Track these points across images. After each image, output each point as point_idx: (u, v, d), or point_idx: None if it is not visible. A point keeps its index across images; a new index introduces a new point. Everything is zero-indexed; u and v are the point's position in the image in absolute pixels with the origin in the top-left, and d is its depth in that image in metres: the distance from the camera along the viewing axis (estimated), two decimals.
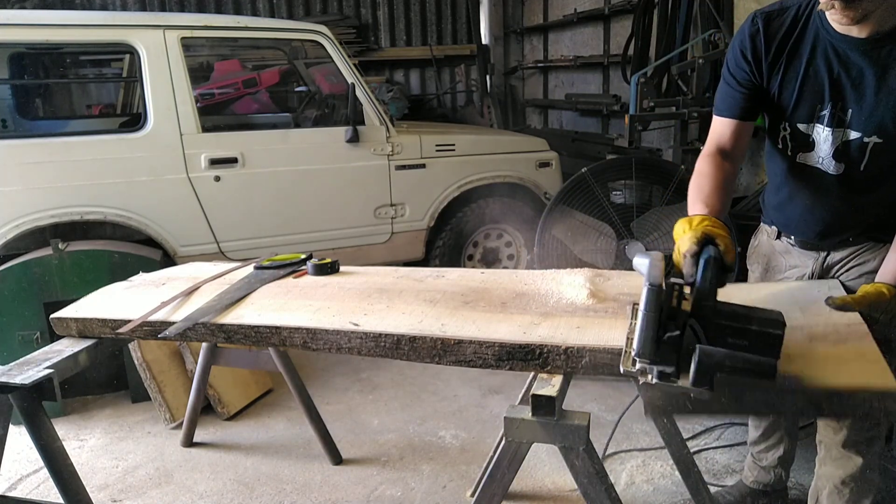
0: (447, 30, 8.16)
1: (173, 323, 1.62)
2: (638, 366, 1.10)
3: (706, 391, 1.04)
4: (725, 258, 1.20)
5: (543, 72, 7.84)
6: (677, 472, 2.11)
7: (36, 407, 1.54)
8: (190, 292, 1.80)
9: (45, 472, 2.43)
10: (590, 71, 6.76)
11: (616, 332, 1.34)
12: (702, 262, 1.17)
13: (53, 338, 1.79)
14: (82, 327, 1.73)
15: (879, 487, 2.12)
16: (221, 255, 3.47)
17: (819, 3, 1.37)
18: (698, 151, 3.54)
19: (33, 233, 3.14)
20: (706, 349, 1.04)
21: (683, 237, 1.26)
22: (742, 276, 1.99)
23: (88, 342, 1.72)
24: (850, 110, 1.48)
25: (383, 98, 6.86)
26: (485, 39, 8.11)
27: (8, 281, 2.85)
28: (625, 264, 2.99)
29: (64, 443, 1.62)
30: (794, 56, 1.51)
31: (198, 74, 5.12)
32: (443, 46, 8.07)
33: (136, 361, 2.89)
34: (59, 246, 2.89)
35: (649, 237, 3.12)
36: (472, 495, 2.34)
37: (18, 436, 2.49)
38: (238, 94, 5.07)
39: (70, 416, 3.01)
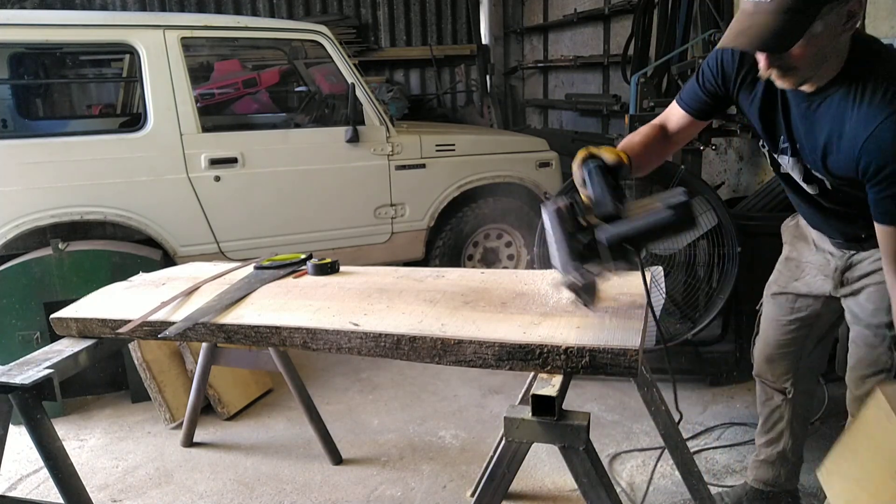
0: (447, 30, 8.16)
1: (173, 323, 1.62)
2: (570, 279, 1.31)
3: (623, 262, 1.30)
4: (608, 162, 1.39)
5: (543, 72, 7.85)
6: (677, 472, 2.11)
7: (36, 407, 1.54)
8: (190, 292, 1.80)
9: (45, 472, 2.43)
10: (590, 71, 6.76)
11: (616, 331, 1.34)
12: (585, 172, 1.38)
13: (53, 338, 1.79)
14: (82, 327, 1.73)
15: None
16: (221, 255, 3.47)
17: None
18: (698, 151, 3.57)
19: (33, 233, 3.14)
20: (603, 229, 1.28)
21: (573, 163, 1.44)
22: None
23: (88, 342, 1.72)
24: (799, 145, 1.52)
25: (383, 98, 6.86)
26: (485, 39, 8.11)
27: (8, 281, 2.85)
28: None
29: (64, 443, 1.61)
30: (758, 84, 1.54)
31: (198, 74, 5.12)
32: (443, 46, 8.07)
33: (136, 361, 2.89)
34: (59, 246, 2.89)
35: None
36: (472, 495, 2.34)
37: (18, 436, 2.49)
38: (238, 94, 5.07)
39: (70, 416, 3.01)
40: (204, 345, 2.63)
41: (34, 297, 2.87)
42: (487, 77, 7.90)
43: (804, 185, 1.61)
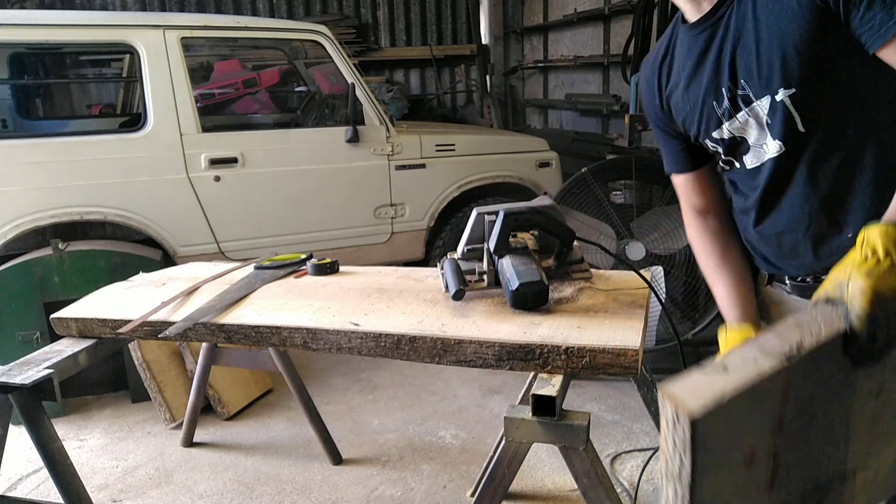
0: (447, 30, 8.16)
1: (173, 323, 1.62)
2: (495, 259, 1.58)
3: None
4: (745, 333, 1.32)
5: (543, 72, 7.85)
6: None
7: (36, 407, 1.54)
8: (190, 292, 1.80)
9: (45, 472, 2.43)
10: (590, 71, 6.76)
11: (616, 331, 1.34)
12: None
13: (53, 338, 1.79)
14: (82, 327, 1.73)
15: None
16: (221, 255, 3.47)
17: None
18: None
19: (33, 233, 3.14)
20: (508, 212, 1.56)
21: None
22: None
23: (88, 342, 1.73)
24: (741, 81, 1.21)
25: (383, 98, 6.86)
26: (485, 39, 8.11)
27: (8, 281, 2.85)
28: (625, 264, 2.99)
29: (64, 443, 1.62)
30: (672, 74, 1.34)
31: (198, 74, 5.12)
32: (443, 46, 8.07)
33: (136, 361, 2.89)
34: (59, 246, 2.89)
35: (649, 237, 3.12)
36: (472, 495, 2.34)
37: (18, 436, 2.49)
38: (238, 94, 5.07)
39: (70, 416, 3.01)
40: (204, 345, 2.63)
41: (34, 297, 2.87)
42: (487, 77, 7.90)
43: (767, 148, 1.23)
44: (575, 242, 1.65)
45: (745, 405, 0.71)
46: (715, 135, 1.27)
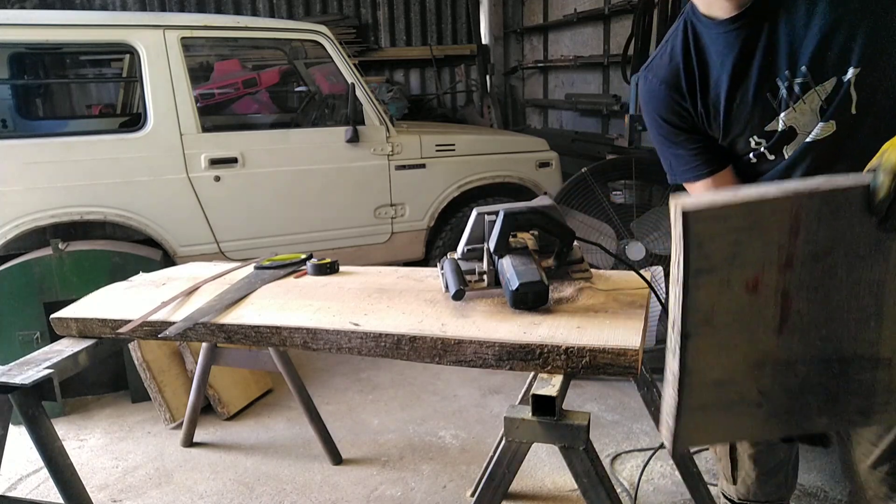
0: (447, 30, 8.16)
1: (173, 323, 1.62)
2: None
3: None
4: None
5: (543, 72, 7.84)
6: (677, 472, 2.11)
7: (36, 407, 1.54)
8: (190, 292, 1.80)
9: (45, 472, 2.43)
10: (590, 71, 6.76)
11: (616, 331, 1.34)
12: None
13: (53, 338, 1.79)
14: (82, 327, 1.73)
15: None
16: (221, 255, 3.47)
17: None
18: None
19: (33, 233, 3.14)
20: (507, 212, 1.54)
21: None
22: None
23: (88, 342, 1.72)
24: (802, 68, 1.19)
25: (383, 98, 6.86)
26: (485, 39, 8.11)
27: (8, 281, 2.85)
28: (625, 264, 2.99)
29: (64, 443, 1.61)
30: (708, 75, 1.29)
31: (198, 74, 5.12)
32: (443, 46, 8.07)
33: (136, 361, 2.89)
34: (59, 246, 2.89)
35: (649, 237, 3.12)
36: (472, 495, 2.34)
37: (18, 436, 2.49)
38: (238, 94, 5.07)
39: (70, 416, 3.01)
40: (204, 345, 2.63)
41: (34, 297, 2.87)
42: (487, 77, 7.90)
43: (813, 134, 1.23)
44: (575, 242, 1.65)
45: (744, 220, 0.74)
46: (768, 128, 1.26)
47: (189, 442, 2.75)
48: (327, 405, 3.06)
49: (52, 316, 1.76)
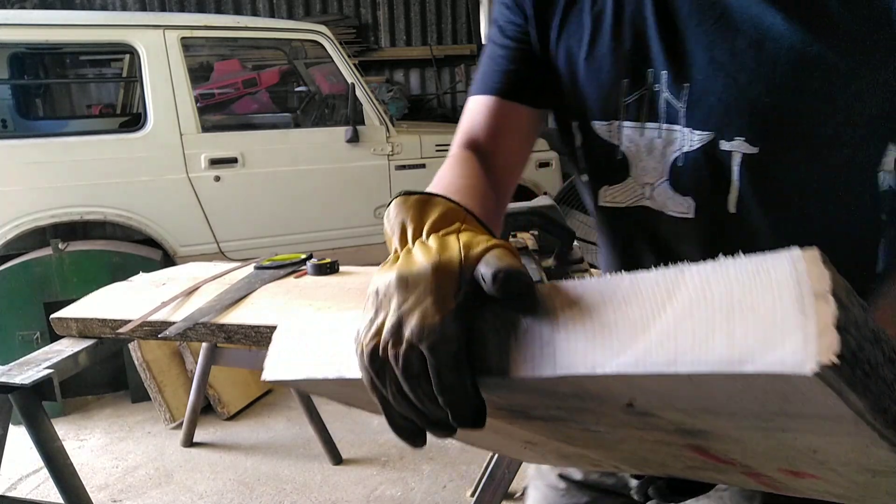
0: (447, 30, 8.16)
1: (173, 323, 1.62)
2: None
3: None
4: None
5: None
6: None
7: (36, 407, 1.54)
8: (190, 292, 1.80)
9: (45, 472, 2.43)
10: None
11: None
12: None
13: (53, 338, 1.79)
14: (82, 327, 1.73)
15: None
16: (221, 255, 3.47)
17: None
18: None
19: (33, 233, 3.14)
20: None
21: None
22: None
23: (88, 342, 1.72)
24: (686, 85, 0.71)
25: (383, 98, 6.86)
26: (485, 39, 8.09)
27: (8, 281, 2.85)
28: None
29: (64, 443, 1.61)
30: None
31: (198, 74, 5.12)
32: (443, 46, 8.07)
33: (136, 361, 2.89)
34: (59, 246, 2.89)
35: None
36: (472, 495, 2.34)
37: (18, 436, 2.49)
38: (238, 94, 5.07)
39: (70, 416, 3.01)
40: (204, 345, 2.63)
41: (34, 297, 2.87)
42: None
43: (669, 203, 0.75)
44: (575, 242, 1.65)
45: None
46: (599, 128, 0.80)
47: (189, 442, 2.75)
48: (327, 405, 3.05)
49: (52, 316, 1.76)
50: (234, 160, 3.43)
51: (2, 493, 2.44)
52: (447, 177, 0.76)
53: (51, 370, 1.55)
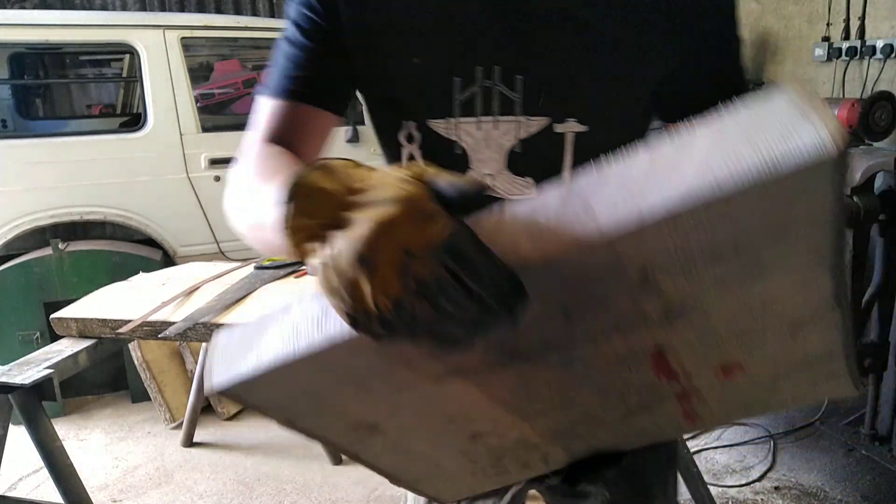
0: None
1: (173, 323, 1.62)
2: None
3: None
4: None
5: None
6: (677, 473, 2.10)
7: (36, 407, 1.54)
8: (190, 292, 1.80)
9: (45, 472, 2.43)
10: None
11: None
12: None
13: (53, 338, 1.79)
14: (82, 327, 1.73)
15: (880, 487, 2.12)
16: (221, 255, 3.47)
17: None
18: None
19: (33, 233, 3.14)
20: None
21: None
22: None
23: (88, 342, 1.72)
24: (520, 77, 0.76)
25: None
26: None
27: (8, 281, 2.85)
28: None
29: (64, 443, 1.62)
30: None
31: (198, 74, 5.12)
32: None
33: (136, 361, 2.89)
34: (59, 246, 2.89)
35: None
36: None
37: (18, 436, 2.49)
38: (238, 94, 5.07)
39: (70, 416, 3.01)
40: (204, 345, 2.62)
41: (34, 297, 2.87)
42: None
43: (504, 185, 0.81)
44: None
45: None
46: (433, 124, 0.81)
47: (189, 442, 2.75)
48: None
49: (52, 316, 1.76)
50: (234, 160, 3.43)
51: (2, 493, 2.44)
52: (273, 165, 0.74)
53: (51, 370, 1.55)
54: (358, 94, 0.89)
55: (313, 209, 0.47)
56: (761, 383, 0.61)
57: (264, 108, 0.86)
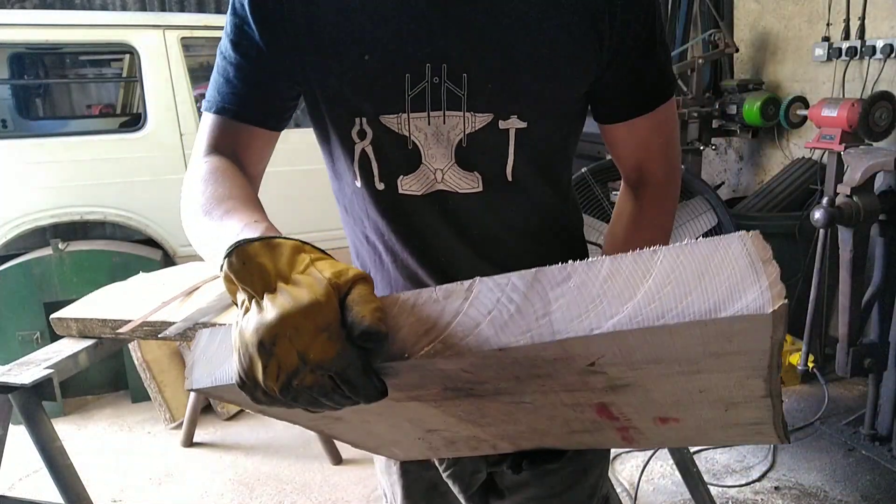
0: None
1: (173, 323, 1.62)
2: None
3: None
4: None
5: None
6: (677, 472, 2.10)
7: (36, 407, 1.54)
8: (190, 292, 1.80)
9: (45, 472, 2.43)
10: None
11: None
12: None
13: (53, 338, 1.79)
14: (82, 327, 1.73)
15: (880, 487, 2.12)
16: None
17: None
18: (699, 151, 3.56)
19: (33, 233, 3.14)
20: None
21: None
22: None
23: (88, 342, 1.72)
24: (465, 75, 0.79)
25: None
26: None
27: (8, 281, 2.85)
28: None
29: (64, 443, 1.62)
30: None
31: (198, 74, 5.12)
32: None
33: (136, 361, 2.89)
34: (59, 246, 2.89)
35: None
36: None
37: (18, 436, 2.49)
38: None
39: (70, 416, 3.01)
40: None
41: (34, 297, 2.87)
42: None
43: (457, 182, 0.84)
44: None
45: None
46: (386, 118, 0.82)
47: (189, 442, 2.75)
48: None
49: (52, 316, 1.76)
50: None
51: (2, 493, 2.44)
52: (224, 189, 0.78)
53: (51, 370, 1.55)
54: (303, 97, 0.90)
55: (244, 276, 0.56)
56: (695, 431, 0.69)
57: (205, 122, 0.93)
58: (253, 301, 0.55)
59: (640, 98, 0.87)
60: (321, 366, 0.51)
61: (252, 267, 0.55)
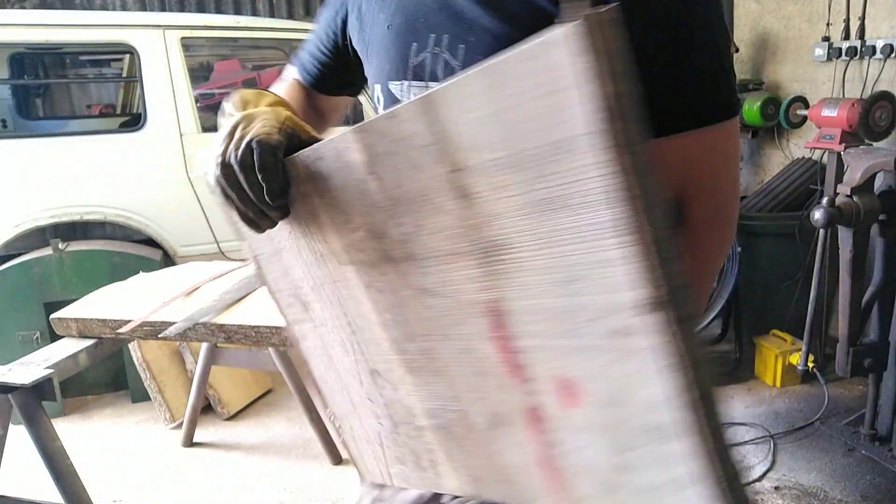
0: None
1: (173, 323, 1.62)
2: None
3: None
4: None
5: None
6: None
7: (36, 407, 1.54)
8: (190, 292, 1.80)
9: (45, 472, 2.43)
10: None
11: None
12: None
13: (53, 338, 1.79)
14: (82, 327, 1.73)
15: (880, 487, 2.12)
16: (221, 255, 3.46)
17: None
18: None
19: (33, 233, 3.14)
20: None
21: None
22: None
23: (88, 342, 1.72)
24: (462, 46, 0.82)
25: None
26: None
27: (8, 281, 2.85)
28: None
29: (64, 443, 1.62)
30: None
31: (198, 74, 5.12)
32: None
33: (136, 361, 2.88)
34: (59, 246, 2.89)
35: None
36: None
37: (18, 436, 2.49)
38: None
39: (70, 416, 3.01)
40: (204, 345, 2.63)
41: (34, 297, 2.87)
42: None
43: None
44: None
45: None
46: (394, 85, 0.90)
47: (189, 442, 2.75)
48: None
49: (52, 316, 1.76)
50: None
51: (2, 494, 2.44)
52: (278, 90, 1.00)
53: (51, 370, 1.55)
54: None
55: (237, 104, 0.80)
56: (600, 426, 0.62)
57: (290, 70, 1.09)
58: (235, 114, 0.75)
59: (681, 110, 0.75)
60: (252, 137, 0.69)
61: (241, 96, 0.80)
